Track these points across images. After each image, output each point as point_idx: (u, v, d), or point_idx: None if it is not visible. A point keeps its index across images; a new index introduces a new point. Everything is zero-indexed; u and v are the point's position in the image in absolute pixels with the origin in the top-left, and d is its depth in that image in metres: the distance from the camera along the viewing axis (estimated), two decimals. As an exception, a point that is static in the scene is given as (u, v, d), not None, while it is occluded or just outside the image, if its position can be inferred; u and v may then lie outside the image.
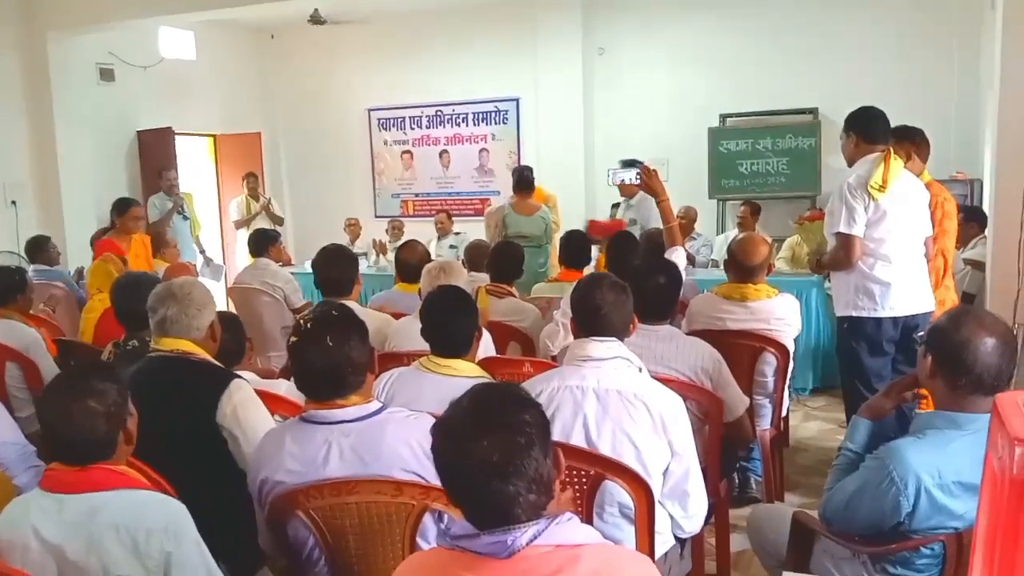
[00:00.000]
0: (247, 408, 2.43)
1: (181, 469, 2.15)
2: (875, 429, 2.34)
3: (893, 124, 4.03)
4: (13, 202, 7.88)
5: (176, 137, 9.14)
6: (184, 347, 2.52)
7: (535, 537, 1.32)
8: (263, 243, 5.88)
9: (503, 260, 4.38)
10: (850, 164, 3.85)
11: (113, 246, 5.25)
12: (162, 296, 2.56)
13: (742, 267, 3.75)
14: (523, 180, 6.61)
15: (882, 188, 3.62)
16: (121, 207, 5.58)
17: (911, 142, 4.04)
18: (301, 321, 2.16)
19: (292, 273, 6.08)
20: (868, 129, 3.80)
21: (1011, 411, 0.97)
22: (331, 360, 2.05)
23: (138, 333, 3.23)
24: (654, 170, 4.25)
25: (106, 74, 8.75)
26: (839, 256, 3.75)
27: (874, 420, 2.35)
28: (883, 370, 3.80)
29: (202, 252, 8.59)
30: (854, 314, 3.78)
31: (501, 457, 1.33)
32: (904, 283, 3.73)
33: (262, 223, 8.65)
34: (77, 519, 1.75)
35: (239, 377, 2.53)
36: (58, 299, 5.42)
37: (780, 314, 3.69)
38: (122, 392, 1.91)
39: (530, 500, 1.34)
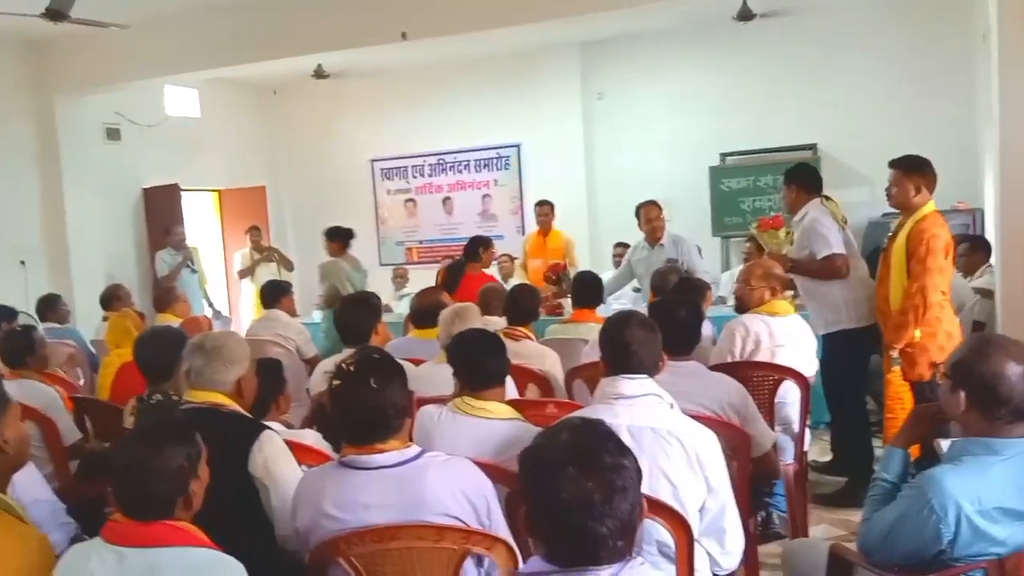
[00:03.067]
0: (277, 460, 2.43)
1: (216, 520, 2.14)
2: (907, 458, 2.34)
3: (893, 157, 4.11)
4: (22, 262, 7.93)
5: (182, 192, 9.22)
6: (214, 399, 2.52)
7: None
8: (275, 295, 5.88)
9: (519, 303, 4.39)
10: (792, 211, 4.52)
11: (488, 279, 5.62)
12: (192, 348, 2.58)
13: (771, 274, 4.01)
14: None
15: (845, 222, 4.37)
16: (485, 243, 5.99)
17: (920, 174, 3.95)
18: (344, 365, 2.17)
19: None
20: (809, 181, 4.50)
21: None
22: (374, 403, 2.07)
23: (161, 386, 3.24)
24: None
25: (112, 133, 8.88)
26: (839, 273, 4.25)
27: (906, 448, 2.35)
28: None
29: (211, 305, 8.63)
30: (853, 326, 4.27)
31: (601, 498, 1.35)
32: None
33: (264, 272, 8.70)
34: (135, 574, 1.75)
35: (268, 428, 2.53)
36: (74, 358, 5.42)
37: (805, 333, 3.97)
38: (192, 455, 1.91)
39: (617, 546, 1.36)
